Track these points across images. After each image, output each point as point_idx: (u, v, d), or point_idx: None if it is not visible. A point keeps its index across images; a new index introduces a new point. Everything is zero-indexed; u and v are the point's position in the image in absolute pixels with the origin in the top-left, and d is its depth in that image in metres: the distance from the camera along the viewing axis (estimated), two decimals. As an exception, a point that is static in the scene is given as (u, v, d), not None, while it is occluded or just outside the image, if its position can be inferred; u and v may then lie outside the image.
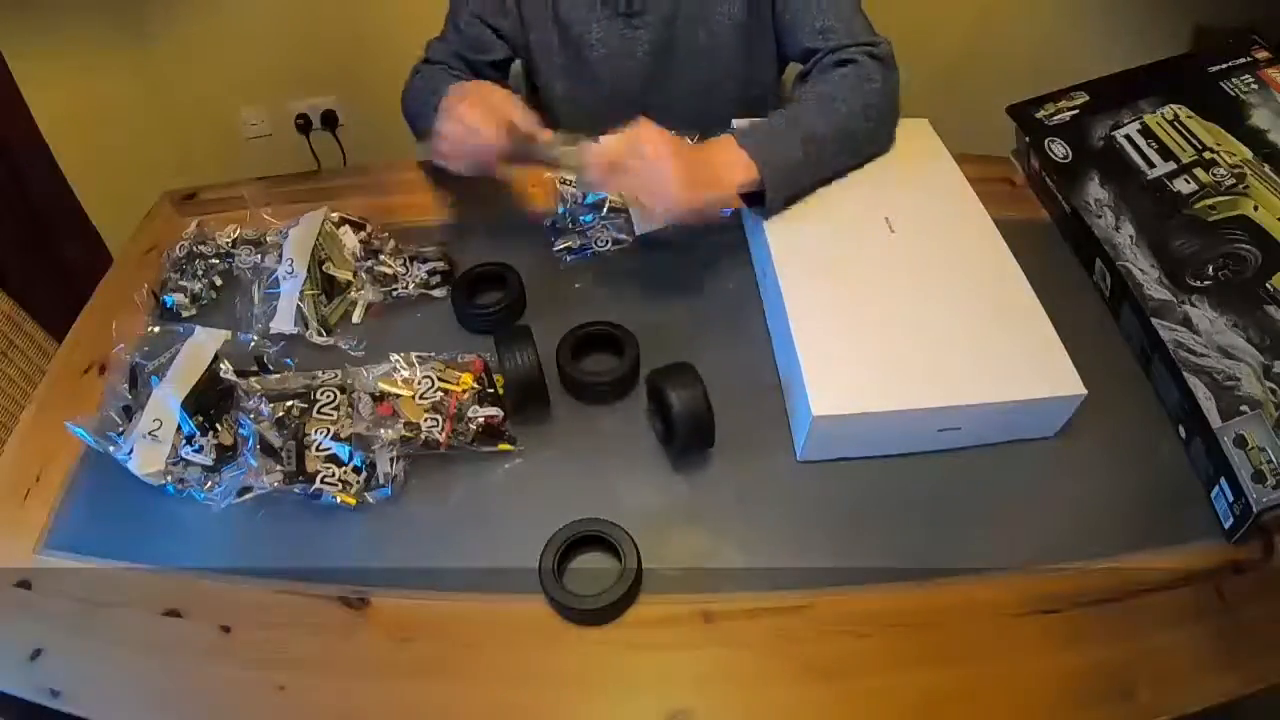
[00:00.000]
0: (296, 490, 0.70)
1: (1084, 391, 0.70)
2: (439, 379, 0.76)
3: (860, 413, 0.69)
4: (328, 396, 0.74)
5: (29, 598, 0.68)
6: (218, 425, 0.74)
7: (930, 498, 0.72)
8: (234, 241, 0.94)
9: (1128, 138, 0.91)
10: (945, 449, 0.74)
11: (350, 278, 0.88)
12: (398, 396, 0.75)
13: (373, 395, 0.75)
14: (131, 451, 0.72)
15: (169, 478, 0.72)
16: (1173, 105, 0.92)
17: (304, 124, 1.86)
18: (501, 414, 0.74)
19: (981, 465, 0.74)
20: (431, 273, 0.89)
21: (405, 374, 0.76)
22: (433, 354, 0.78)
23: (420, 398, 0.75)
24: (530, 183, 1.00)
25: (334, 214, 0.93)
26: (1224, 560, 0.68)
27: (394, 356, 0.78)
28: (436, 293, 0.88)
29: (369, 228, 0.94)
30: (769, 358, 0.82)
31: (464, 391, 0.75)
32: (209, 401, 0.75)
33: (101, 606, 0.67)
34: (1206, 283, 0.78)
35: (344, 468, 0.70)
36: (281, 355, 0.81)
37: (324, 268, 0.87)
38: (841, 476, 0.73)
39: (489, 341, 0.81)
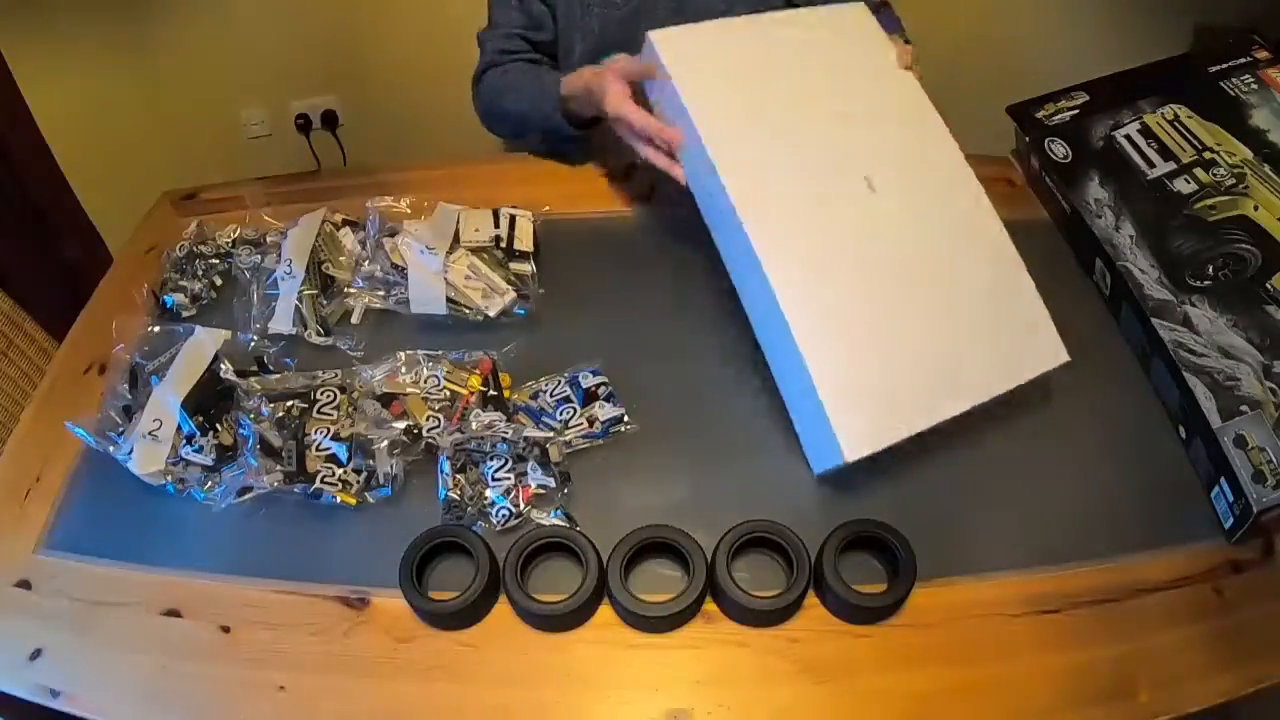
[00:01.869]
0: (296, 490, 0.70)
1: (1067, 358, 0.73)
2: (447, 378, 0.76)
3: (889, 444, 0.68)
4: (328, 396, 0.74)
5: (29, 598, 0.68)
6: (218, 425, 0.74)
7: (930, 497, 0.72)
8: (234, 242, 0.94)
9: (1128, 138, 0.91)
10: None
11: (350, 278, 0.88)
12: (406, 395, 0.75)
13: (378, 395, 0.75)
14: (131, 451, 0.72)
15: (169, 478, 0.72)
16: (1173, 105, 0.91)
17: (304, 124, 1.86)
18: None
19: (982, 465, 0.74)
20: (431, 273, 0.88)
21: (408, 374, 0.76)
22: (441, 351, 0.79)
23: (428, 395, 0.75)
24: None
25: (334, 214, 0.93)
26: (1223, 560, 0.68)
27: (401, 355, 0.78)
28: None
29: (369, 228, 0.94)
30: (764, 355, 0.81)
31: (471, 395, 0.75)
32: (209, 401, 0.75)
33: (101, 606, 0.67)
34: (1206, 283, 0.78)
35: (344, 468, 0.70)
36: (281, 355, 0.81)
37: (323, 268, 0.87)
38: (842, 477, 0.73)
39: (492, 341, 0.81)
